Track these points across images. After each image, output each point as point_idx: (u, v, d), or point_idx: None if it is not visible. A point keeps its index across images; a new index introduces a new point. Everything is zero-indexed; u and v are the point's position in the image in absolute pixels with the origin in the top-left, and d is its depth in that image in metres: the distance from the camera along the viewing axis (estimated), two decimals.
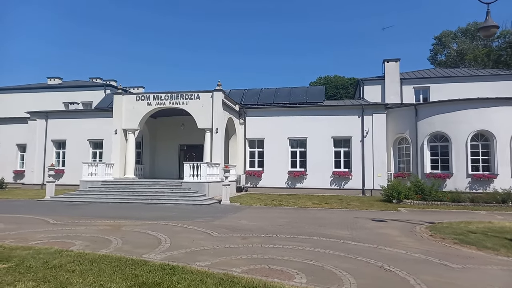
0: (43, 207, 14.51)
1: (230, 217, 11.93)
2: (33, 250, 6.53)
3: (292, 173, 22.93)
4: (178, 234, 8.51)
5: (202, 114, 20.24)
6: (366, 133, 22.06)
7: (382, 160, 21.90)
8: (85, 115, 26.95)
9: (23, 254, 6.19)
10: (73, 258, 5.97)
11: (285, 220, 11.33)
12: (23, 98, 34.72)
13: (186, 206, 15.22)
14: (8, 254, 6.19)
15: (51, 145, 26.85)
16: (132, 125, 20.98)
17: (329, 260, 6.19)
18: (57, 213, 12.48)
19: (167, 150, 25.55)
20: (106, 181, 18.99)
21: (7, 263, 5.70)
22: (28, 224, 9.83)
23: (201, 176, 17.64)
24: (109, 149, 25.23)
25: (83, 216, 11.71)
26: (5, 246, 6.84)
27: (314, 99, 24.81)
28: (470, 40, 56.84)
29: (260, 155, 24.00)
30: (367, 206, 15.94)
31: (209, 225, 10.12)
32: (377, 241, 8.03)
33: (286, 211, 14.04)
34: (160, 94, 20.81)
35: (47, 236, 8.19)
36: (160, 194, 17.05)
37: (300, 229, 9.50)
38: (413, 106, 22.26)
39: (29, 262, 5.68)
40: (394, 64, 28.27)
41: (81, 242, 7.52)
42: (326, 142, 22.73)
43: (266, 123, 23.80)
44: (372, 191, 21.62)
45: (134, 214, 12.36)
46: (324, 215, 12.67)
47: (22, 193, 21.88)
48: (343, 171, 22.35)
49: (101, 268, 5.43)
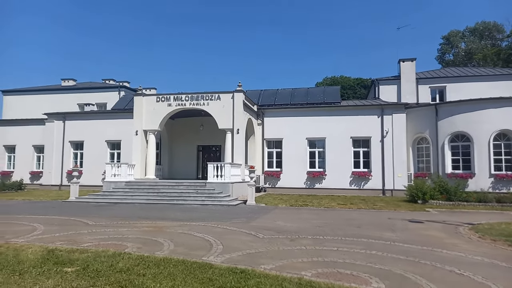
0: (71, 208, 14.52)
1: (263, 218, 11.87)
2: (90, 253, 6.50)
3: (311, 174, 22.85)
4: (224, 236, 8.46)
5: (223, 115, 20.20)
6: (386, 133, 21.92)
7: (402, 160, 21.75)
8: (103, 116, 27.00)
9: (83, 257, 6.16)
10: (136, 261, 5.93)
11: (320, 221, 11.26)
12: (37, 99, 34.87)
13: (213, 206, 15.18)
14: (68, 257, 6.17)
15: (69, 146, 26.93)
16: (152, 126, 20.98)
17: (393, 264, 6.11)
18: (89, 214, 12.47)
19: (184, 151, 25.53)
20: (130, 182, 19.00)
21: (71, 266, 5.68)
22: (68, 226, 9.82)
23: (225, 176, 17.60)
24: (127, 150, 25.34)
25: (117, 217, 11.70)
26: (60, 248, 6.82)
27: (331, 99, 24.71)
28: (478, 39, 56.53)
29: (278, 156, 23.93)
30: (393, 206, 15.83)
31: (248, 226, 10.07)
32: (427, 243, 7.94)
33: (315, 212, 13.96)
34: (181, 95, 20.79)
35: (95, 238, 8.16)
36: (185, 194, 17.02)
37: (341, 231, 9.42)
38: (434, 105, 22.10)
39: (94, 265, 5.65)
40: (410, 63, 28.06)
41: (132, 244, 7.49)
42: (345, 142, 22.62)
43: (284, 124, 23.73)
44: (392, 191, 21.49)
45: (167, 215, 12.33)
46: (356, 216, 12.58)
47: (42, 194, 21.94)
48: (362, 171, 22.23)
49: (170, 271, 5.39)
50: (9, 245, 7.14)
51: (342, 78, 57.80)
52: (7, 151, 30.20)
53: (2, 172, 29.50)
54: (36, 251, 6.60)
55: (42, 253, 6.45)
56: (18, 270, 5.42)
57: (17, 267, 5.60)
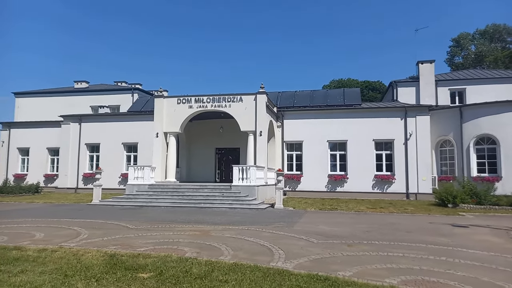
0: (100, 211, 14.26)
1: (301, 222, 11.58)
2: (154, 258, 6.24)
3: (333, 177, 22.54)
4: (277, 241, 8.18)
5: (245, 117, 19.95)
6: (409, 135, 21.61)
7: (427, 163, 21.42)
8: (119, 118, 26.82)
9: (150, 263, 5.90)
10: (208, 267, 5.67)
11: (361, 225, 10.97)
12: (49, 101, 34.74)
13: (243, 210, 14.90)
14: (134, 262, 5.91)
15: (85, 148, 26.73)
16: (173, 128, 20.76)
17: (473, 271, 5.83)
18: (122, 217, 12.22)
19: (202, 154, 25.28)
20: (152, 185, 18.76)
21: (143, 272, 5.42)
22: (109, 230, 9.57)
23: (250, 179, 17.34)
24: (143, 152, 25.15)
25: (153, 220, 11.44)
26: (121, 253, 6.57)
27: (351, 101, 24.45)
28: (488, 42, 56.27)
29: (298, 158, 23.65)
30: (424, 210, 15.51)
31: (293, 230, 9.79)
32: (488, 248, 7.66)
33: (349, 216, 13.67)
34: (202, 97, 20.57)
35: (146, 242, 7.90)
36: (211, 198, 16.76)
37: (391, 236, 9.13)
38: (458, 107, 21.81)
39: (168, 271, 5.39)
40: (429, 65, 27.82)
41: (188, 248, 7.22)
42: (367, 145, 22.32)
43: (304, 126, 23.45)
44: (416, 195, 21.15)
45: (201, 218, 12.06)
46: (394, 220, 12.28)
47: (60, 197, 21.68)
48: (385, 174, 21.92)
49: (252, 278, 5.13)
50: (64, 250, 6.90)
51: (349, 80, 57.56)
52: (21, 153, 30.03)
53: (16, 175, 29.33)
54: (96, 256, 6.35)
55: (104, 258, 6.20)
56: (92, 276, 5.17)
57: (87, 273, 5.35)
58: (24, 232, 9.09)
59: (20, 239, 8.20)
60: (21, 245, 7.35)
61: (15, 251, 6.77)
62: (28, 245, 7.49)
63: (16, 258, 6.21)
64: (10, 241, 7.88)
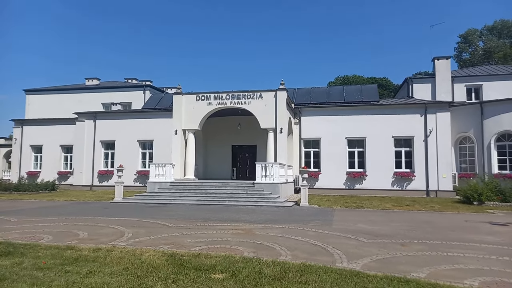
0: (127, 209, 14.16)
1: (336, 220, 11.43)
2: (217, 258, 6.10)
3: (351, 174, 22.39)
4: (327, 240, 8.05)
5: (265, 114, 19.78)
6: (429, 132, 21.42)
7: (447, 160, 21.23)
8: (134, 115, 26.67)
9: (216, 262, 5.77)
10: (279, 268, 5.54)
11: (398, 223, 10.83)
12: (60, 98, 34.62)
13: (269, 208, 14.77)
14: (201, 263, 5.78)
15: (100, 146, 26.60)
16: (192, 126, 20.62)
17: None
18: (154, 215, 12.11)
19: (219, 151, 25.15)
20: (174, 182, 18.64)
21: (215, 272, 5.29)
22: (150, 228, 9.44)
23: (273, 177, 17.19)
24: (159, 150, 25.05)
25: (186, 218, 11.32)
26: (181, 253, 6.44)
27: (369, 97, 24.24)
28: (497, 37, 55.86)
29: (316, 156, 23.49)
30: (452, 208, 15.36)
31: (334, 229, 9.65)
32: None
33: (380, 214, 13.52)
34: (221, 94, 20.40)
35: (195, 241, 7.78)
36: (235, 195, 16.63)
37: (438, 234, 8.98)
38: (478, 104, 21.62)
39: (242, 272, 5.27)
40: (445, 61, 27.57)
41: (244, 248, 7.10)
42: (386, 141, 22.13)
43: (322, 123, 23.26)
44: (437, 192, 20.98)
45: (233, 216, 11.94)
46: (429, 219, 12.13)
47: (78, 194, 21.60)
48: (405, 171, 21.75)
49: (328, 279, 5.01)
50: (120, 249, 6.78)
51: (355, 77, 57.14)
52: (34, 151, 29.94)
53: (29, 172, 29.26)
54: (156, 256, 6.23)
55: (165, 258, 6.08)
56: (165, 277, 5.05)
57: (158, 273, 5.23)
58: (65, 231, 8.97)
59: (65, 238, 8.08)
60: (73, 245, 7.24)
61: (70, 251, 6.66)
62: (77, 244, 7.38)
63: (75, 258, 6.10)
64: (57, 240, 7.77)
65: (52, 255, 6.33)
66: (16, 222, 10.55)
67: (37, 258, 6.13)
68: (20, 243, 7.36)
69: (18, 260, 6.04)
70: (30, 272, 5.35)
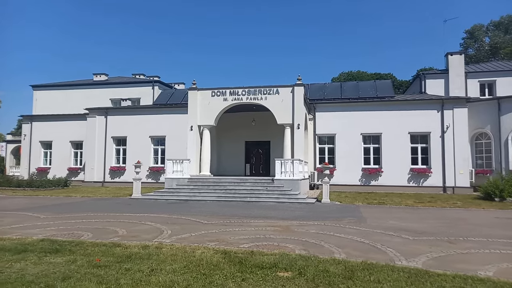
0: (150, 205, 14.04)
1: (367, 217, 11.25)
2: (272, 255, 5.96)
3: (367, 170, 22.26)
4: (371, 237, 7.92)
5: (281, 110, 19.62)
6: (446, 128, 21.27)
7: (464, 156, 21.10)
8: (145, 111, 26.48)
9: (275, 260, 5.62)
10: (343, 266, 5.41)
11: (432, 220, 10.71)
12: (68, 94, 34.42)
13: (292, 205, 14.65)
14: (260, 260, 5.63)
15: (111, 142, 26.43)
16: (207, 121, 20.46)
17: None
18: (180, 211, 12.01)
19: (232, 147, 24.96)
20: (191, 179, 18.51)
21: (279, 271, 5.16)
22: (187, 225, 9.32)
23: (293, 173, 17.07)
24: (171, 146, 24.90)
25: (216, 215, 11.21)
26: (234, 251, 6.31)
27: (384, 93, 24.09)
28: (503, 33, 55.53)
29: (330, 152, 23.34)
30: (474, 205, 15.24)
31: (371, 225, 9.54)
32: None
33: (407, 210, 13.37)
34: (237, 90, 20.23)
35: (239, 238, 7.66)
36: (256, 192, 16.51)
37: (478, 231, 8.86)
38: (496, 99, 21.46)
39: (307, 271, 5.13)
40: (459, 57, 27.41)
41: (293, 246, 6.96)
42: (402, 138, 21.97)
43: (336, 119, 23.09)
44: (454, 188, 20.85)
45: (261, 213, 11.84)
46: (459, 215, 12.01)
47: (93, 190, 21.43)
48: (421, 168, 21.62)
49: (399, 278, 4.88)
50: (169, 246, 6.65)
51: (359, 73, 56.80)
52: (43, 147, 29.78)
53: (38, 169, 29.11)
54: (209, 253, 6.10)
55: (219, 255, 5.95)
56: (232, 275, 4.92)
57: (223, 271, 5.10)
58: (101, 228, 8.84)
59: (105, 235, 7.95)
60: (118, 242, 7.10)
61: (118, 248, 6.54)
62: (121, 241, 7.23)
63: (128, 256, 5.97)
64: (97, 237, 7.65)
65: (102, 253, 6.20)
66: (45, 218, 10.43)
67: (88, 256, 6.01)
68: (63, 240, 7.22)
69: (70, 257, 5.91)
70: (88, 270, 5.22)
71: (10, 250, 6.34)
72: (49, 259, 5.81)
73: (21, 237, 7.52)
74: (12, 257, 5.97)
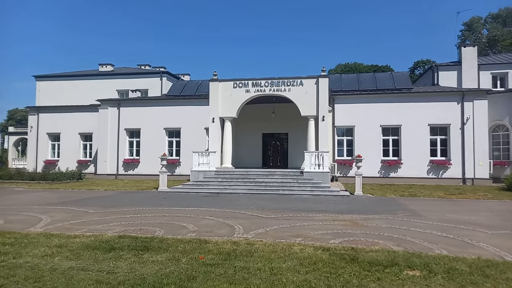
0: (187, 199, 13.81)
1: (418, 210, 11.14)
2: (379, 252, 5.82)
3: (386, 162, 22.28)
4: (448, 231, 7.84)
5: (305, 102, 19.41)
6: (466, 120, 21.35)
7: (484, 148, 21.24)
8: (159, 103, 25.97)
9: (389, 258, 5.48)
10: (464, 263, 5.30)
11: (487, 213, 10.70)
12: (73, 85, 33.66)
13: (329, 197, 14.56)
14: (372, 257, 5.49)
15: (124, 134, 25.91)
16: (229, 113, 20.16)
17: None
18: (223, 205, 11.85)
19: (249, 139, 24.61)
20: (218, 171, 18.26)
21: (406, 269, 5.00)
22: (251, 219, 9.12)
23: (323, 165, 16.97)
24: (186, 138, 24.57)
25: (264, 208, 11.02)
26: (334, 247, 6.14)
27: (401, 85, 24.02)
28: (501, 25, 55.92)
29: (349, 144, 23.28)
30: (503, 196, 15.38)
31: (432, 219, 9.47)
32: None
33: (448, 203, 13.32)
34: (260, 81, 19.92)
35: (317, 233, 7.49)
36: (287, 184, 16.36)
37: None
38: None
39: (435, 268, 5.02)
40: (472, 49, 27.53)
41: (382, 241, 6.83)
42: (421, 129, 21.99)
43: (355, 111, 22.98)
44: (473, 180, 21.03)
45: (302, 206, 11.76)
46: (503, 207, 12.07)
47: (111, 183, 20.94)
48: (441, 159, 21.72)
49: None
50: (261, 243, 6.43)
51: (356, 64, 56.61)
52: (51, 139, 29.09)
53: (46, 161, 28.50)
54: (308, 250, 5.94)
55: (320, 252, 5.80)
56: (358, 274, 4.77)
57: (344, 269, 4.93)
58: (165, 223, 8.57)
59: (177, 230, 7.72)
60: (204, 238, 6.85)
61: (209, 245, 6.33)
62: (201, 237, 6.99)
63: (228, 253, 5.76)
64: (170, 233, 7.40)
65: (196, 250, 5.98)
66: (95, 214, 10.10)
67: (185, 253, 5.78)
68: (142, 236, 6.97)
69: (168, 255, 5.68)
70: (204, 268, 5.01)
71: (98, 248, 6.07)
72: (148, 258, 5.57)
73: (95, 234, 7.23)
74: (105, 255, 5.71)
